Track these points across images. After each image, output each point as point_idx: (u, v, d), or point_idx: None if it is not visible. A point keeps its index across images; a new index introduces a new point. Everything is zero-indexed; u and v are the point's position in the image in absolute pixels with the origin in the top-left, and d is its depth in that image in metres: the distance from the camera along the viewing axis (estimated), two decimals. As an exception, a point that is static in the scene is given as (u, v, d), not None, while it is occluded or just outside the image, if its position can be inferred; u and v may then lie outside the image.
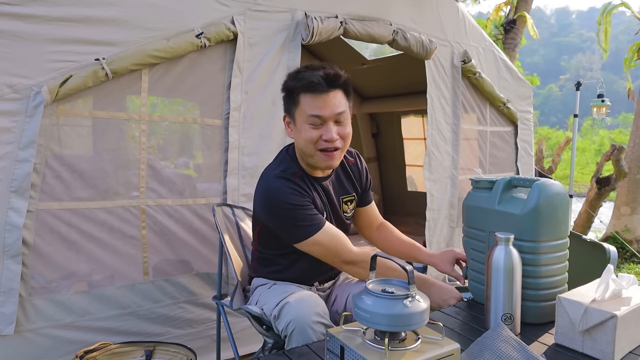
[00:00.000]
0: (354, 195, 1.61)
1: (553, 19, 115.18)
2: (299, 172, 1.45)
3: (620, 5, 6.39)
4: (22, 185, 1.69)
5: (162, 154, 2.08)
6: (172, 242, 2.06)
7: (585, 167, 17.32)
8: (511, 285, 1.23)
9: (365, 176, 1.64)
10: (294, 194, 1.37)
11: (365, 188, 1.66)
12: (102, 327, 1.91)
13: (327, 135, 1.35)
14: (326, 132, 1.35)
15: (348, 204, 1.59)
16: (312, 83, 1.33)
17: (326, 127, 1.35)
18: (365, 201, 1.68)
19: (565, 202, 1.35)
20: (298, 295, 1.34)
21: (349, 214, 1.60)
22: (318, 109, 1.34)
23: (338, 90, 1.36)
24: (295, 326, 1.24)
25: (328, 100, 1.34)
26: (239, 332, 2.12)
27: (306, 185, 1.44)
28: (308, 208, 1.38)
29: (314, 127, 1.36)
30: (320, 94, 1.34)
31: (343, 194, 1.57)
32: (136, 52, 1.85)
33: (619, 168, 4.99)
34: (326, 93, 1.34)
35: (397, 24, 2.72)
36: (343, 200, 1.58)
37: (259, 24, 2.21)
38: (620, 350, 1.11)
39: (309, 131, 1.36)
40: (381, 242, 1.73)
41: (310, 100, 1.34)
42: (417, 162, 5.01)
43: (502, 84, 3.60)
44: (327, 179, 1.52)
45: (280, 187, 1.38)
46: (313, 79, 1.33)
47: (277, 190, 1.38)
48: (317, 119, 1.35)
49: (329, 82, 1.34)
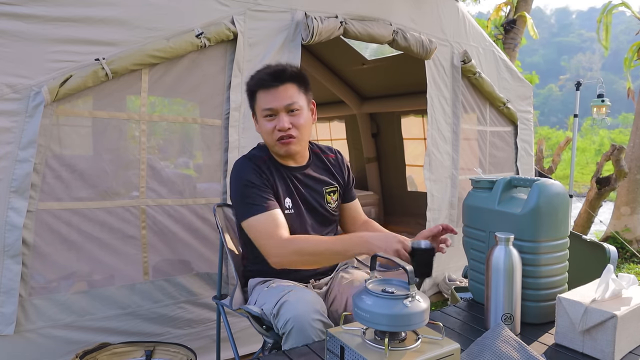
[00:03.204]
0: (337, 186, 1.66)
1: (553, 19, 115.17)
2: (264, 157, 1.55)
3: (620, 5, 6.38)
4: (22, 185, 1.68)
5: (162, 154, 2.08)
6: (172, 242, 2.06)
7: (585, 167, 17.31)
8: (511, 285, 1.23)
9: (347, 172, 1.72)
10: (252, 172, 1.48)
11: (348, 183, 1.72)
12: (102, 327, 1.91)
13: (280, 124, 1.46)
14: (279, 122, 1.46)
15: (332, 195, 1.64)
16: (262, 80, 1.47)
17: (278, 118, 1.47)
18: (349, 197, 1.74)
19: (565, 202, 1.35)
20: (297, 294, 1.36)
21: (333, 205, 1.64)
22: (269, 103, 1.47)
23: (289, 83, 1.47)
24: (295, 324, 1.25)
25: (278, 94, 1.46)
26: (239, 332, 2.12)
27: (268, 169, 1.52)
28: (262, 189, 1.45)
29: (269, 119, 1.48)
30: (270, 89, 1.46)
31: (325, 185, 1.63)
32: (136, 52, 1.85)
33: (619, 168, 4.99)
34: (276, 87, 1.46)
35: (397, 24, 2.72)
36: (326, 190, 1.63)
37: (259, 24, 2.21)
38: (620, 350, 1.11)
39: (266, 124, 1.49)
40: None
41: (264, 95, 1.47)
42: (417, 162, 5.02)
43: (502, 84, 3.60)
44: (302, 169, 1.59)
45: (242, 164, 1.51)
46: (263, 77, 1.47)
47: (238, 166, 1.52)
48: (270, 111, 1.47)
49: (275, 77, 1.45)
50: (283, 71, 1.47)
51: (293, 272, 1.54)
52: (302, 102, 1.50)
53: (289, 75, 1.47)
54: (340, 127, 5.98)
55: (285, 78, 1.46)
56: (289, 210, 1.54)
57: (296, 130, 1.48)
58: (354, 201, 1.76)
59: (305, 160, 1.61)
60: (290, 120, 1.47)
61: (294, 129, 1.48)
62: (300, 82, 1.50)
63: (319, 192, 1.61)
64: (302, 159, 1.60)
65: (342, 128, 5.95)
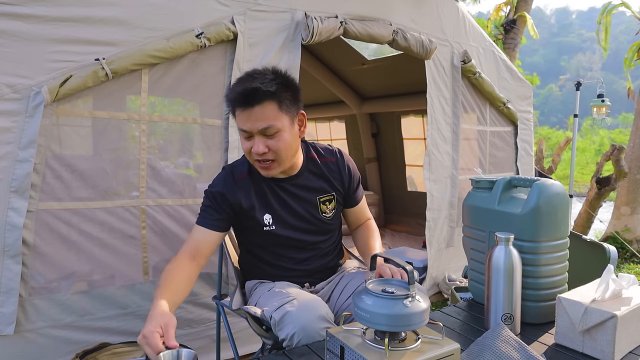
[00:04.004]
0: (333, 195, 1.58)
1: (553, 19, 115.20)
2: (244, 172, 1.48)
3: (620, 5, 6.39)
4: (22, 185, 1.69)
5: (162, 154, 2.08)
6: (172, 242, 2.06)
7: (585, 167, 17.31)
8: (511, 285, 1.23)
9: (349, 176, 1.60)
10: (218, 183, 1.46)
11: (349, 188, 1.62)
12: (102, 327, 1.91)
13: (254, 148, 1.34)
14: (254, 145, 1.34)
15: (327, 204, 1.56)
16: (235, 99, 1.33)
17: (254, 140, 1.35)
18: (352, 202, 1.65)
19: (565, 202, 1.36)
20: (299, 301, 1.29)
21: (328, 214, 1.56)
22: (242, 124, 1.34)
23: (265, 103, 1.30)
24: (302, 336, 1.21)
25: (252, 115, 1.31)
26: (238, 332, 2.12)
27: (245, 186, 1.47)
28: (215, 208, 1.43)
29: (246, 139, 1.37)
30: (244, 109, 1.32)
31: (319, 194, 1.55)
32: (136, 52, 1.85)
33: (619, 168, 4.99)
34: (250, 108, 1.30)
35: (397, 24, 2.72)
36: (320, 199, 1.55)
37: (259, 24, 2.21)
38: (620, 350, 1.11)
39: (244, 142, 1.38)
40: (355, 240, 1.72)
41: (239, 113, 1.34)
42: (417, 162, 5.02)
43: (502, 84, 3.60)
44: (292, 179, 1.50)
45: (219, 176, 1.49)
46: (235, 95, 1.32)
47: (219, 175, 1.51)
48: (244, 132, 1.35)
49: (248, 97, 1.30)
50: (255, 91, 1.29)
51: (287, 274, 1.53)
52: (282, 122, 1.34)
53: (263, 95, 1.29)
54: (340, 127, 5.98)
55: (258, 99, 1.29)
56: (268, 227, 1.48)
57: (274, 154, 1.36)
58: (358, 205, 1.68)
59: (296, 170, 1.50)
60: (267, 143, 1.34)
61: (271, 152, 1.35)
62: (280, 99, 1.32)
63: (311, 202, 1.53)
64: (292, 169, 1.49)
65: (342, 128, 5.95)
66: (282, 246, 1.53)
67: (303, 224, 1.53)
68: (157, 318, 1.05)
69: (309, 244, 1.55)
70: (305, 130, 1.46)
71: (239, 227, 1.54)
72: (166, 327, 1.01)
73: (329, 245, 1.61)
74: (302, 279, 1.56)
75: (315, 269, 1.57)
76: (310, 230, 1.54)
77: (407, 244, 4.51)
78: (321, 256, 1.59)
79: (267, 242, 1.53)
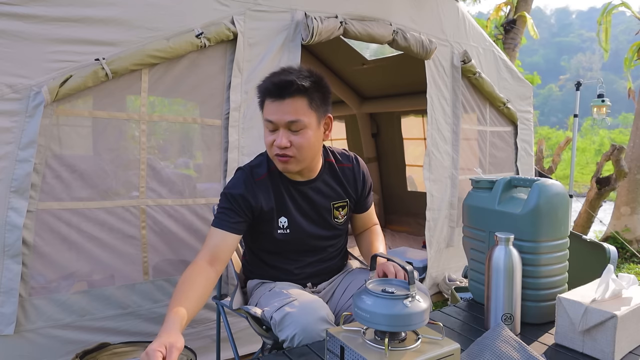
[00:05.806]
0: (347, 201, 1.57)
1: (553, 19, 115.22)
2: (264, 174, 1.46)
3: (620, 5, 6.39)
4: (22, 185, 1.68)
5: (162, 154, 2.08)
6: (172, 242, 2.06)
7: (585, 167, 17.32)
8: (511, 285, 1.23)
9: (363, 182, 1.60)
10: (238, 185, 1.42)
11: (362, 195, 1.61)
12: (102, 327, 1.91)
13: (277, 140, 1.35)
14: (278, 138, 1.35)
15: (340, 210, 1.56)
16: (267, 89, 1.35)
17: (278, 133, 1.35)
18: (362, 208, 1.65)
19: (565, 202, 1.36)
20: (300, 302, 1.29)
21: (340, 220, 1.56)
22: (270, 114, 1.35)
23: (297, 97, 1.32)
24: (303, 337, 1.21)
25: (281, 107, 1.33)
26: (238, 332, 2.12)
27: (265, 189, 1.44)
28: (234, 210, 1.39)
29: (270, 131, 1.37)
30: (274, 100, 1.34)
31: (334, 200, 1.54)
32: (136, 52, 1.85)
33: (619, 168, 4.99)
34: (280, 100, 1.32)
35: (397, 24, 2.72)
36: (334, 205, 1.54)
37: (259, 24, 2.21)
38: (620, 350, 1.11)
39: (267, 135, 1.39)
40: (359, 243, 1.72)
41: (268, 104, 1.35)
42: (417, 162, 5.02)
43: (502, 84, 3.60)
44: (310, 183, 1.50)
45: (238, 178, 1.45)
46: (269, 85, 1.34)
47: (236, 175, 1.47)
48: (270, 124, 1.36)
49: (280, 89, 1.32)
50: (290, 84, 1.31)
51: (291, 276, 1.53)
52: (310, 119, 1.35)
53: (296, 89, 1.31)
54: (340, 127, 5.98)
55: (291, 92, 1.31)
56: (284, 230, 1.47)
57: (295, 150, 1.35)
58: (367, 212, 1.67)
59: (315, 174, 1.50)
60: (290, 138, 1.34)
61: (292, 148, 1.35)
62: (312, 96, 1.34)
63: (325, 207, 1.53)
64: (311, 172, 1.48)
65: (342, 128, 5.95)
66: (292, 250, 1.53)
67: (316, 228, 1.52)
68: (163, 337, 1.03)
69: (318, 248, 1.55)
70: (329, 135, 1.46)
71: (251, 229, 1.51)
72: (170, 349, 1.00)
73: (336, 249, 1.62)
74: (305, 280, 1.56)
75: (320, 271, 1.57)
76: (322, 236, 1.54)
77: (407, 244, 4.51)
78: (328, 259, 1.59)
79: (277, 245, 1.51)
